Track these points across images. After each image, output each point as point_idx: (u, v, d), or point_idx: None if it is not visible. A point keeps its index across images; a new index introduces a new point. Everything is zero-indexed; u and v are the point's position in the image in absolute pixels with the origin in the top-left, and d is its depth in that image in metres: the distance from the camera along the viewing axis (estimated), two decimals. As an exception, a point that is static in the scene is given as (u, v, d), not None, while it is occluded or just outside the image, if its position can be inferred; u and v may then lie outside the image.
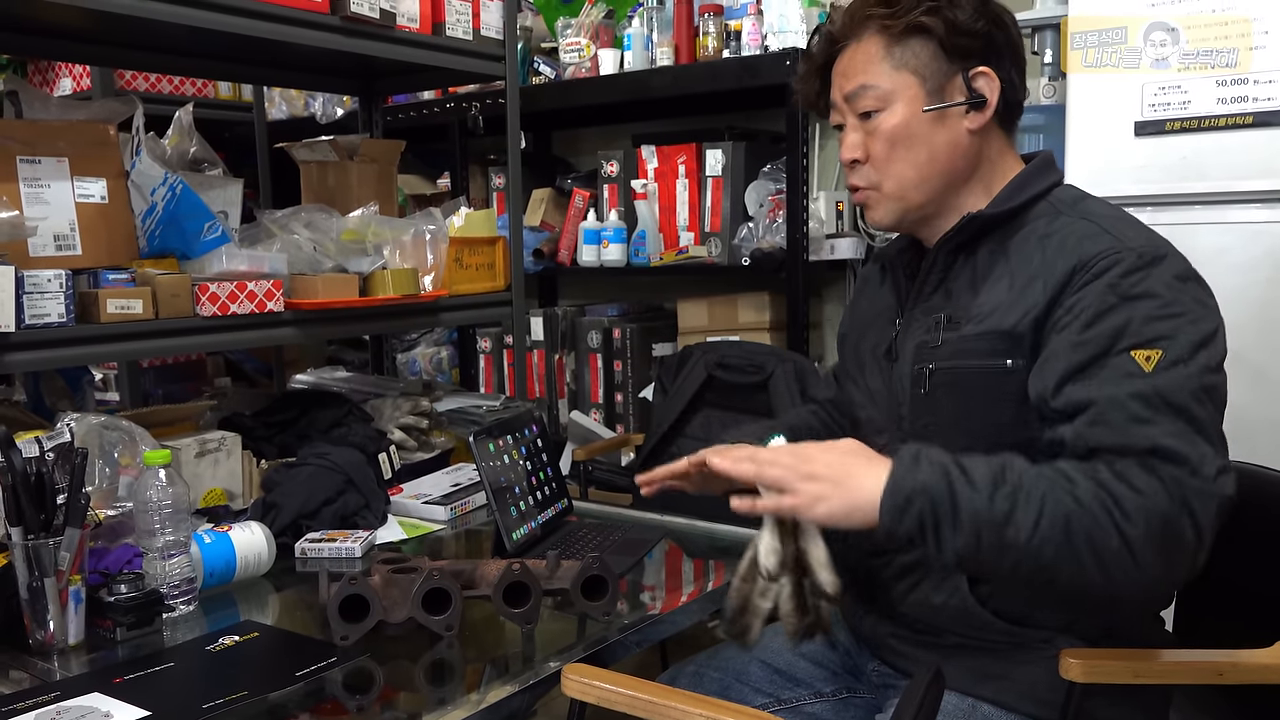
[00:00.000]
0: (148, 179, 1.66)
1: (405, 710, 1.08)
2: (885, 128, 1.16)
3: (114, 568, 1.29)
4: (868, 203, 1.21)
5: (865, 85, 1.16)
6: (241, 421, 1.82)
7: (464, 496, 1.77)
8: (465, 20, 2.03)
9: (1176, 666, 1.08)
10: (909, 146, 1.16)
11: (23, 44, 1.92)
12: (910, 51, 1.15)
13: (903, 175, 1.17)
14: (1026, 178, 1.17)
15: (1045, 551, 0.94)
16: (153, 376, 2.97)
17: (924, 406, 1.17)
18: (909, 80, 1.15)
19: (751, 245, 2.64)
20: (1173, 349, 1.00)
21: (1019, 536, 0.94)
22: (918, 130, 1.15)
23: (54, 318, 1.42)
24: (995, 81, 1.15)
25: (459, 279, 2.05)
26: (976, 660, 1.15)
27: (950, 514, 0.96)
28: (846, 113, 1.20)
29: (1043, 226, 1.13)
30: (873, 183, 1.19)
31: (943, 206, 1.19)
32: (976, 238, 1.16)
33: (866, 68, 1.16)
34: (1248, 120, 1.76)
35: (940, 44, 1.14)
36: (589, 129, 3.39)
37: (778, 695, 1.31)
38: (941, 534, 0.96)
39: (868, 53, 1.16)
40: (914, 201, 1.18)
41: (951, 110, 1.15)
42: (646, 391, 2.84)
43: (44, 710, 1.01)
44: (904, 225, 1.22)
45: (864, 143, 1.18)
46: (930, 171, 1.16)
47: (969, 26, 1.14)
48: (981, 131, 1.17)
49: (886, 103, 1.15)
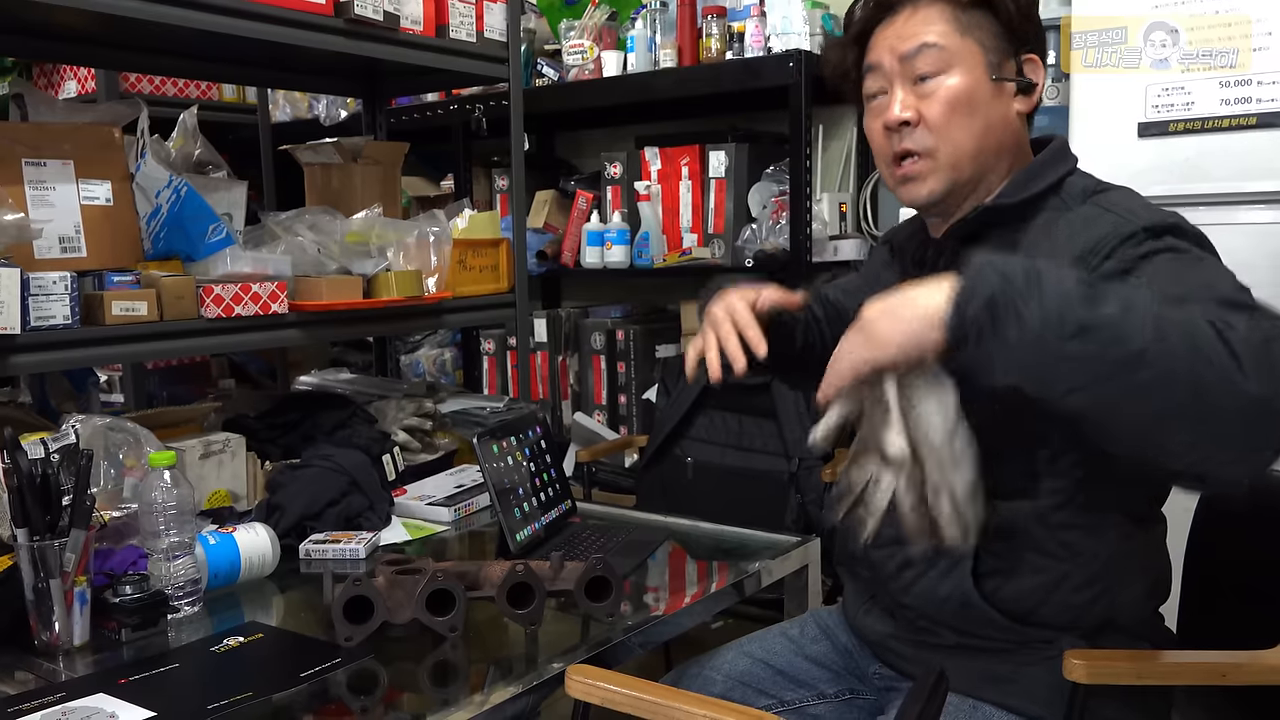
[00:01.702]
0: (152, 181, 1.66)
1: (409, 711, 1.08)
2: (948, 90, 1.11)
3: (119, 569, 1.29)
4: (917, 173, 1.14)
5: (929, 44, 1.12)
6: (246, 423, 1.82)
7: (468, 498, 1.77)
8: (469, 22, 2.03)
9: (1180, 667, 1.08)
10: (969, 113, 1.12)
11: (28, 47, 1.93)
12: (975, 23, 1.13)
13: (960, 143, 1.12)
14: (1039, 167, 1.15)
15: (1132, 338, 0.81)
16: (157, 378, 2.98)
17: None
18: (973, 48, 1.12)
19: (755, 247, 2.64)
20: (1204, 270, 0.96)
21: (1101, 314, 0.82)
22: (980, 98, 1.12)
23: (59, 320, 1.42)
24: (1041, 71, 1.16)
25: (462, 281, 2.05)
26: (978, 662, 1.15)
27: (1025, 286, 0.84)
28: (897, 75, 1.14)
29: (1052, 216, 1.12)
30: (927, 148, 1.13)
31: (985, 184, 1.16)
32: (988, 226, 1.15)
33: (929, 29, 1.12)
34: (1251, 121, 1.76)
35: (1004, 23, 1.13)
36: (592, 131, 3.39)
37: (781, 697, 1.31)
38: (1017, 311, 0.83)
39: (930, 16, 1.13)
40: (965, 174, 1.14)
41: (1007, 88, 1.14)
42: (650, 393, 2.84)
43: (49, 711, 1.02)
44: (947, 201, 1.16)
45: (918, 103, 1.13)
46: (985, 144, 1.13)
47: (1030, 12, 1.14)
48: (1024, 118, 1.16)
49: (949, 65, 1.11)
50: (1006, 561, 1.13)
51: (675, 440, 2.39)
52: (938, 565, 1.16)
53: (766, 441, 2.29)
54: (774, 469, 2.24)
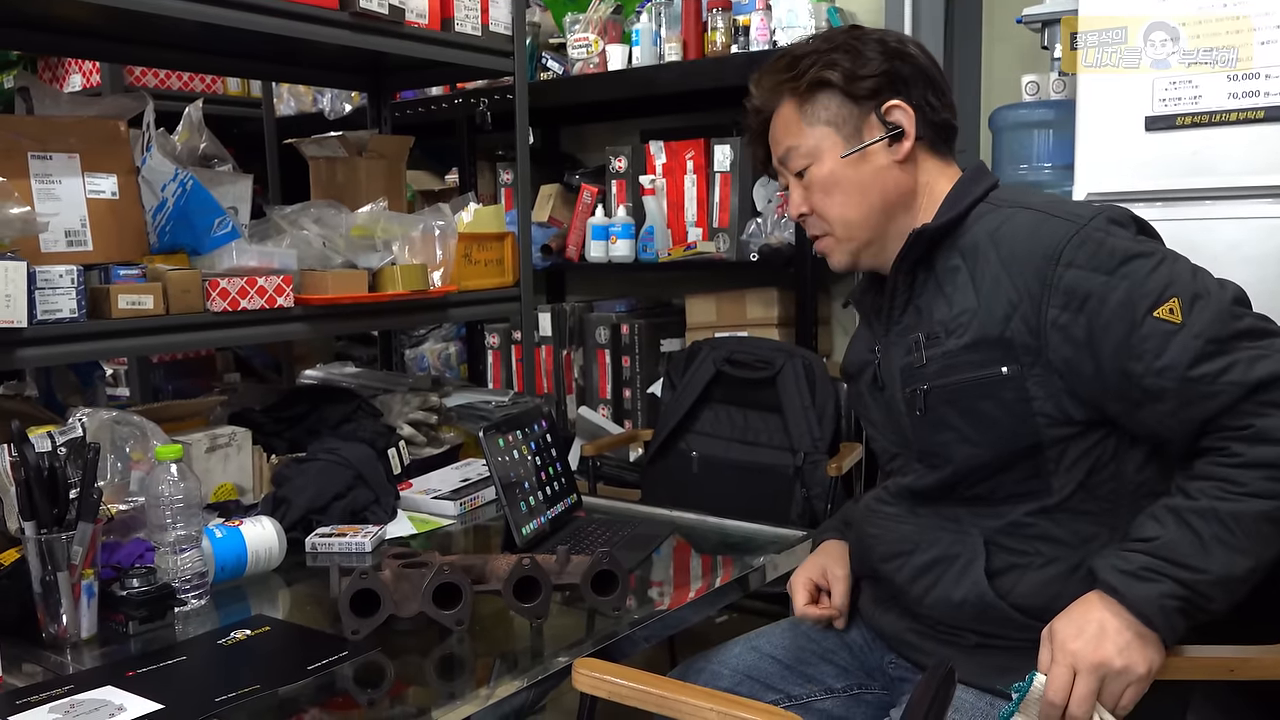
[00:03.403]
0: (158, 175, 1.66)
1: (415, 704, 1.08)
2: (817, 179, 1.22)
3: (126, 562, 1.29)
4: (825, 250, 1.27)
5: (790, 147, 1.23)
6: (252, 417, 1.82)
7: (473, 492, 1.77)
8: (474, 16, 2.03)
9: (1188, 662, 1.08)
10: (842, 190, 1.21)
11: (33, 41, 1.93)
12: (820, 105, 1.22)
13: (845, 217, 1.22)
14: (963, 187, 1.21)
15: (1265, 553, 1.02)
16: (163, 372, 2.98)
17: (926, 427, 1.18)
18: (825, 132, 1.21)
19: (760, 241, 2.64)
20: (1180, 288, 1.05)
21: (1246, 565, 1.01)
22: (844, 174, 1.21)
23: (65, 313, 1.42)
24: (909, 111, 1.20)
25: (467, 275, 2.05)
26: (995, 657, 1.15)
27: (1196, 595, 1.02)
28: (785, 174, 1.27)
29: (988, 224, 1.16)
30: (823, 230, 1.25)
31: (890, 236, 1.23)
32: (930, 251, 1.19)
33: (788, 131, 1.23)
34: (1259, 115, 1.75)
35: (843, 92, 1.20)
36: (597, 125, 3.38)
37: (788, 691, 1.31)
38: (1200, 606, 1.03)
39: (785, 117, 1.24)
40: (862, 238, 1.23)
41: (873, 148, 1.20)
42: (655, 387, 2.84)
43: (57, 703, 1.02)
44: (863, 263, 1.27)
45: (805, 197, 1.24)
46: (868, 207, 1.21)
47: (866, 70, 1.19)
48: (909, 159, 1.21)
49: (813, 158, 1.22)
50: (1020, 556, 1.14)
51: (680, 434, 2.39)
52: (950, 570, 1.17)
53: (772, 436, 2.29)
54: (779, 463, 2.24)
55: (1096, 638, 1.02)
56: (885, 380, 1.24)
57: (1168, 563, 1.02)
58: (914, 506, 1.23)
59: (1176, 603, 1.01)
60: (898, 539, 1.23)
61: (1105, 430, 1.11)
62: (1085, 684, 1.02)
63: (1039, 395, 1.10)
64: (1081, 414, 1.10)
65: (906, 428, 1.21)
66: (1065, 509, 1.13)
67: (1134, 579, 1.02)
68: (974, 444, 1.14)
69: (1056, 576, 1.12)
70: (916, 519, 1.22)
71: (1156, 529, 1.04)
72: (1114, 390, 1.08)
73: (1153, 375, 1.04)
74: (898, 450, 1.26)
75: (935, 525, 1.20)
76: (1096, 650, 1.02)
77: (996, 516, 1.16)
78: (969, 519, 1.17)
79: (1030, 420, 1.11)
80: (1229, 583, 1.02)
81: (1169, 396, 1.04)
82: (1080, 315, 1.07)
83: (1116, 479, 1.12)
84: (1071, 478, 1.12)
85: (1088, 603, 1.05)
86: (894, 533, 1.24)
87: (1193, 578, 1.01)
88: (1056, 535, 1.13)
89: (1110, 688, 1.02)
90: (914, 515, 1.23)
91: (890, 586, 1.25)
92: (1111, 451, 1.12)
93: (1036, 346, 1.09)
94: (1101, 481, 1.12)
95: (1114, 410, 1.09)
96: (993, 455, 1.13)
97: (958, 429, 1.15)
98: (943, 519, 1.19)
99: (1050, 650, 1.04)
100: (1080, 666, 1.02)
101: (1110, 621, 1.02)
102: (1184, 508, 1.03)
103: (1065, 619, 1.05)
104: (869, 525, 1.29)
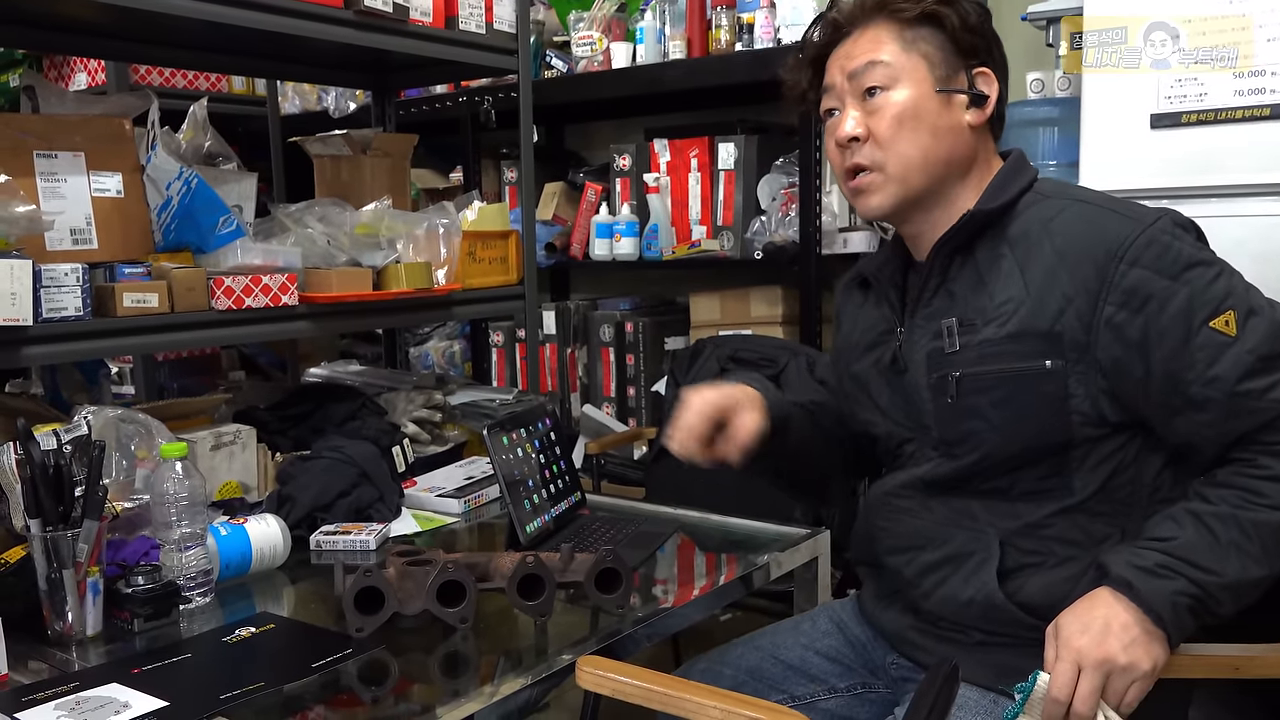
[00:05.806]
0: (163, 173, 1.66)
1: (419, 702, 1.09)
2: (892, 104, 1.15)
3: (131, 559, 1.29)
4: (868, 186, 1.18)
5: (874, 61, 1.16)
6: (256, 415, 1.83)
7: (477, 489, 1.77)
8: (478, 14, 2.03)
9: (1192, 660, 1.08)
10: (915, 126, 1.15)
11: (38, 39, 1.93)
12: (921, 38, 1.16)
13: (907, 155, 1.15)
14: (1009, 173, 1.19)
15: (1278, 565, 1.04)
16: (168, 370, 2.98)
17: (954, 414, 1.16)
18: (918, 62, 1.16)
19: (764, 239, 2.63)
20: (1237, 301, 1.05)
21: (1259, 573, 1.03)
22: (926, 110, 1.15)
23: (71, 311, 1.43)
24: (994, 83, 1.18)
25: (472, 273, 2.05)
26: (999, 656, 1.15)
27: (1207, 597, 1.03)
28: (846, 92, 1.18)
29: (1039, 213, 1.14)
30: (876, 162, 1.16)
31: (939, 198, 1.18)
32: (973, 236, 1.17)
33: (876, 47, 1.17)
34: (1265, 113, 1.74)
35: (950, 35, 1.16)
36: (601, 123, 3.38)
37: (791, 691, 1.31)
38: (1210, 608, 1.04)
39: (877, 35, 1.17)
40: (915, 186, 1.16)
41: (956, 99, 1.16)
42: (659, 385, 2.84)
43: (63, 700, 1.02)
44: (898, 214, 1.20)
45: (865, 120, 1.16)
46: (934, 156, 1.16)
47: (977, 25, 1.16)
48: (979, 130, 1.18)
49: (895, 80, 1.15)
50: (1034, 556, 1.13)
51: (684, 433, 2.38)
52: (960, 570, 1.16)
53: (775, 434, 2.28)
54: (783, 461, 2.24)
55: (1101, 634, 1.02)
56: (907, 363, 1.21)
57: (1183, 562, 1.02)
58: (926, 500, 1.20)
59: (1188, 600, 1.01)
60: (909, 533, 1.21)
61: (1131, 433, 1.11)
62: (1089, 681, 1.02)
63: (1078, 393, 1.09)
64: (1115, 416, 1.10)
65: (928, 414, 1.18)
66: (1084, 510, 1.12)
67: (1148, 575, 1.02)
68: (1004, 435, 1.12)
69: (1068, 577, 1.12)
70: (930, 514, 1.20)
71: (1174, 529, 1.04)
72: (1157, 395, 1.07)
73: (1201, 384, 1.04)
74: (909, 436, 1.23)
75: (950, 521, 1.18)
76: (1101, 646, 1.01)
77: (1014, 515, 1.14)
78: (985, 516, 1.16)
79: (1065, 417, 1.10)
80: (1240, 588, 1.02)
81: (1213, 407, 1.04)
82: (1138, 316, 1.06)
83: (1134, 483, 1.12)
84: (1094, 478, 1.11)
85: (1094, 598, 1.05)
86: (905, 526, 1.22)
87: (1206, 579, 1.01)
88: (1072, 536, 1.12)
89: (1115, 685, 1.02)
90: (927, 510, 1.20)
91: (894, 579, 1.24)
92: (1134, 455, 1.11)
93: (1085, 343, 1.08)
94: (1121, 485, 1.12)
95: (1149, 414, 1.09)
96: (1021, 448, 1.12)
97: (988, 419, 1.13)
98: (958, 514, 1.17)
99: (1055, 647, 1.04)
100: (1085, 663, 1.02)
101: (1116, 618, 1.02)
102: (1204, 512, 1.04)
103: (1070, 615, 1.05)
104: (878, 517, 1.26)
